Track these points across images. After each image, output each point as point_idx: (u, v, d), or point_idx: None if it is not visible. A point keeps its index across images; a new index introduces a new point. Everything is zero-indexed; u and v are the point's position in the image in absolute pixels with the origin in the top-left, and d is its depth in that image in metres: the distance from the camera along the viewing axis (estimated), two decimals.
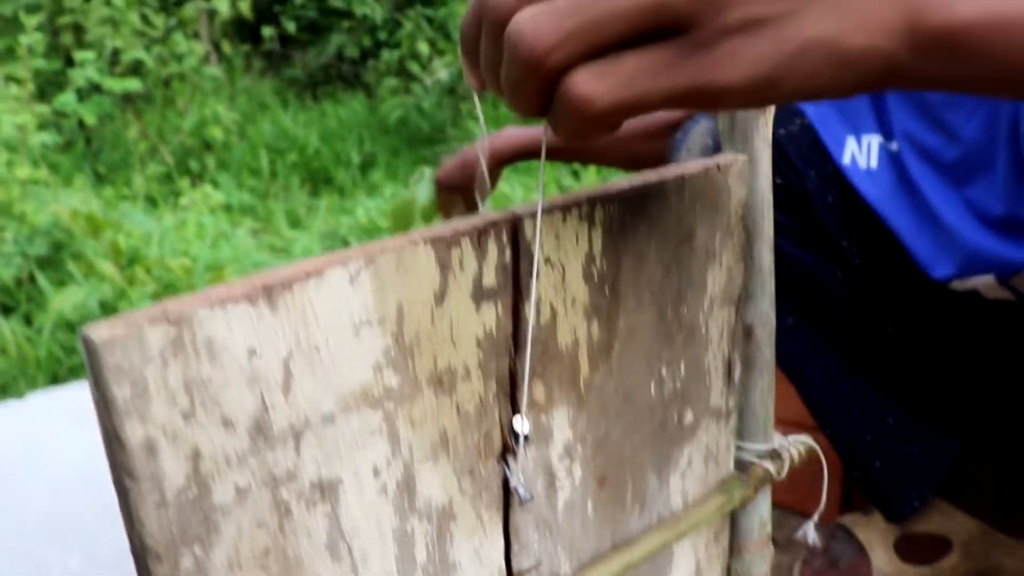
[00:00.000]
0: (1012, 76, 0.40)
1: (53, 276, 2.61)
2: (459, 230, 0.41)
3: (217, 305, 0.35)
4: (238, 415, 0.36)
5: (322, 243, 2.87)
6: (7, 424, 0.99)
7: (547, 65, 0.37)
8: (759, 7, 0.37)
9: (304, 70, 5.39)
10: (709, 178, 0.52)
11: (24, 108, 2.95)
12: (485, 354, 0.44)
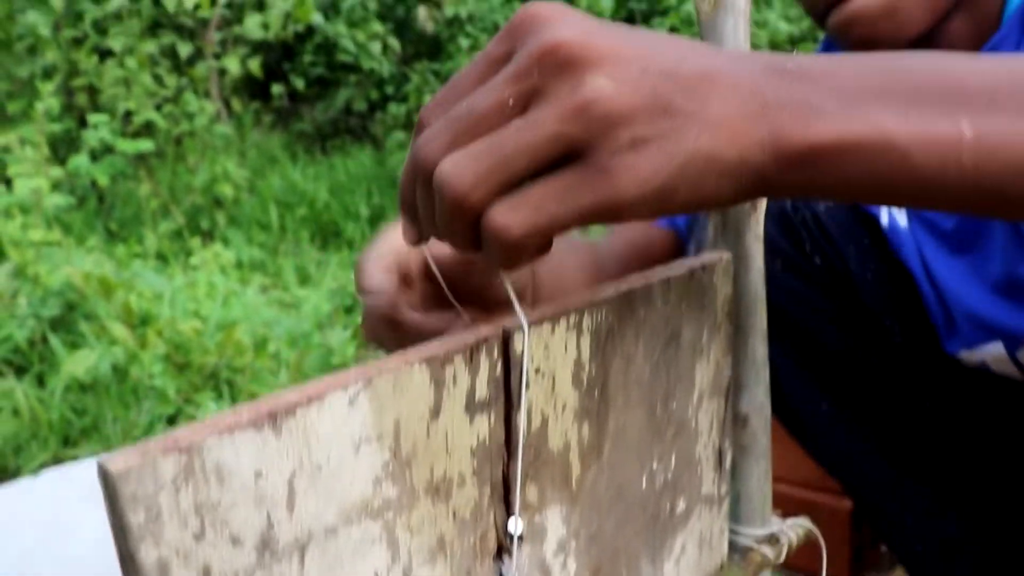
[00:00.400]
0: (874, 192, 0.44)
1: (65, 337, 2.65)
2: (452, 348, 0.43)
3: (225, 433, 0.37)
4: (245, 533, 0.39)
5: (331, 300, 2.90)
6: (22, 503, 1.01)
7: (468, 204, 0.41)
8: (644, 127, 0.41)
9: (313, 124, 5.47)
10: (694, 279, 0.54)
11: (39, 171, 3.00)
12: (479, 462, 0.46)
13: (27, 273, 2.68)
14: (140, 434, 2.23)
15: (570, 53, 0.40)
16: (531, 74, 0.41)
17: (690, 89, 0.42)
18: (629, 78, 0.41)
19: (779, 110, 0.43)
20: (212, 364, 2.33)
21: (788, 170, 0.43)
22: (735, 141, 0.42)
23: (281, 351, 2.53)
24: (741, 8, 0.53)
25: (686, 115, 0.41)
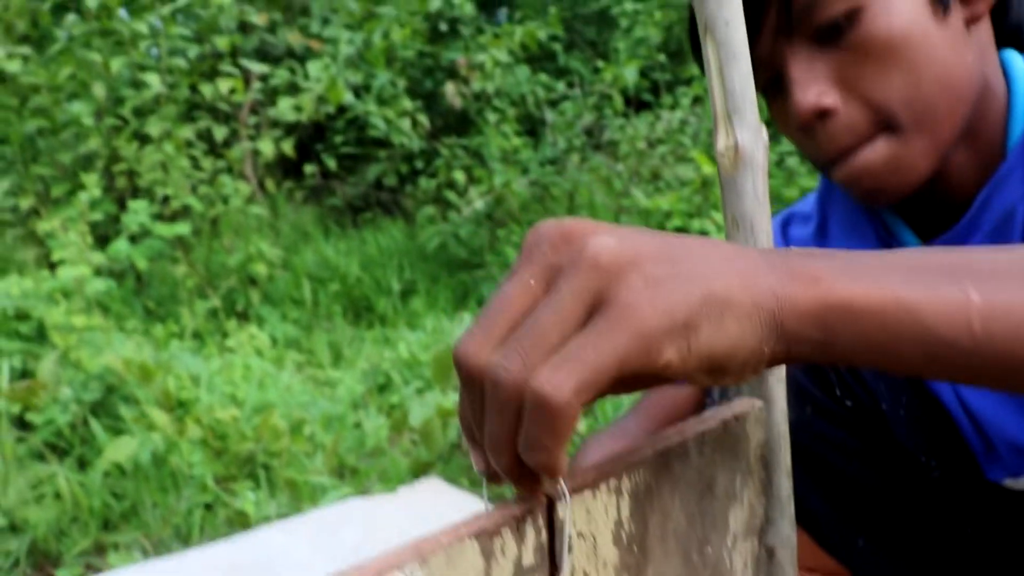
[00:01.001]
0: (889, 355, 0.45)
1: (105, 419, 2.70)
2: (500, 521, 0.46)
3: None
4: None
5: (365, 381, 2.94)
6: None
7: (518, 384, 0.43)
8: (655, 268, 0.43)
9: (344, 198, 5.56)
10: (728, 430, 0.57)
11: (82, 257, 3.08)
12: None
13: (70, 358, 2.74)
14: (179, 521, 2.26)
15: (573, 229, 0.45)
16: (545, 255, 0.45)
17: (692, 247, 0.45)
18: (632, 237, 0.44)
19: (786, 269, 0.45)
20: (249, 449, 2.37)
21: (801, 325, 0.45)
22: (747, 287, 0.44)
23: (316, 433, 2.57)
24: (760, 164, 0.56)
25: (694, 262, 0.44)
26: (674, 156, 4.50)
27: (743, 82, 0.54)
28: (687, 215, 3.93)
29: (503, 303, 0.44)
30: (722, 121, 0.55)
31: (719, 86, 0.54)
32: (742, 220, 0.55)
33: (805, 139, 0.89)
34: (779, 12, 0.84)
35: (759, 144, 0.55)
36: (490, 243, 4.47)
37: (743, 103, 0.54)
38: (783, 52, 0.86)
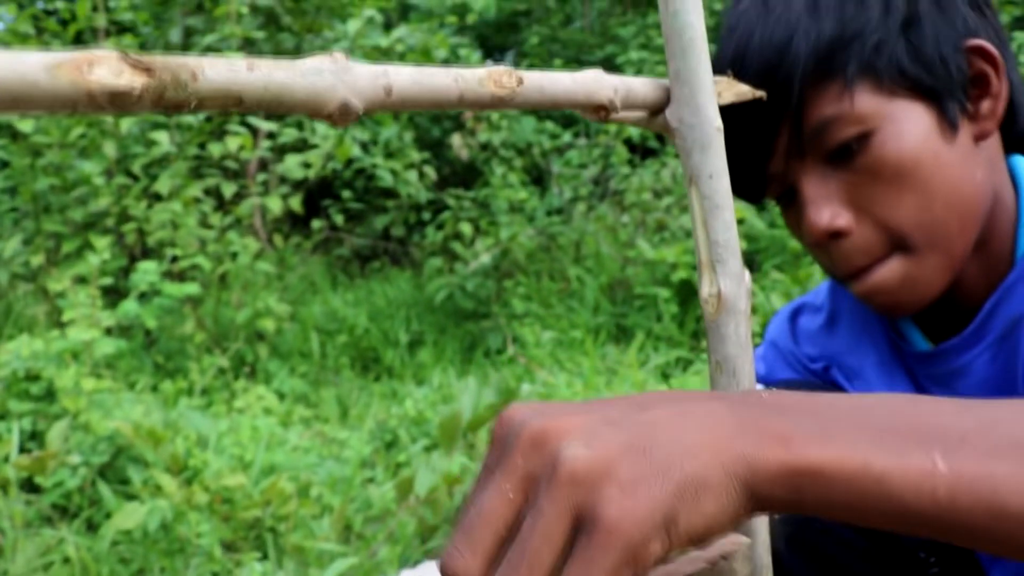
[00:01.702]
0: (858, 516, 0.46)
1: (114, 481, 2.72)
2: None
3: None
4: None
5: (372, 441, 2.95)
6: None
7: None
8: (628, 470, 0.44)
9: (352, 248, 5.61)
10: (716, 570, 0.59)
11: (91, 320, 3.12)
12: None
13: (79, 420, 2.76)
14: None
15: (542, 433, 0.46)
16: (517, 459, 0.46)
17: (660, 426, 0.46)
18: (600, 436, 0.45)
19: (755, 430, 0.46)
20: (255, 515, 2.38)
21: (772, 488, 0.46)
22: (717, 459, 0.45)
23: (324, 495, 2.58)
24: (742, 310, 0.59)
25: (664, 446, 0.45)
26: (679, 207, 4.53)
27: (726, 233, 0.57)
28: (692, 267, 3.96)
29: (484, 516, 0.45)
30: (706, 269, 0.57)
31: (703, 236, 0.57)
32: (726, 363, 0.58)
33: (819, 254, 0.91)
34: (791, 134, 0.86)
35: (741, 291, 0.57)
36: (497, 294, 4.50)
37: (726, 253, 0.57)
38: (796, 170, 0.88)
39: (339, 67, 0.42)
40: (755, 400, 0.49)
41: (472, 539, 0.45)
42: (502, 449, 0.47)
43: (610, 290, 4.35)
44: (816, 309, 1.12)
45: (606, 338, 3.99)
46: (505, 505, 0.45)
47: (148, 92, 0.37)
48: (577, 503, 0.44)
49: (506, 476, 0.46)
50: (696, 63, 0.57)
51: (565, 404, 0.48)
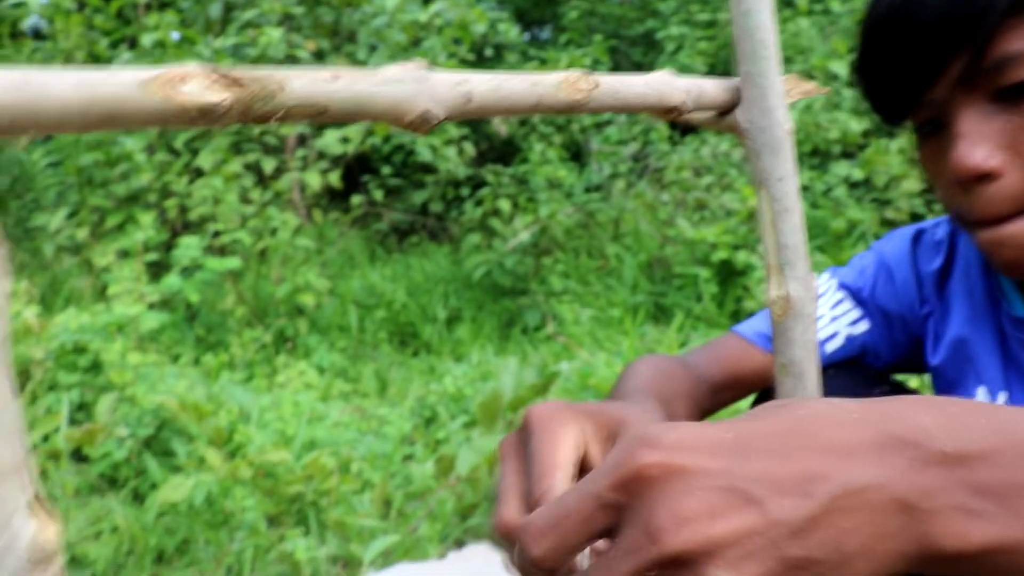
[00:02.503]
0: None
1: (159, 453, 2.77)
2: None
3: None
4: None
5: (411, 417, 2.97)
6: None
7: None
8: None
9: (390, 223, 5.63)
10: None
11: (136, 294, 3.16)
12: None
13: (125, 394, 2.81)
14: (231, 561, 2.31)
15: (691, 556, 0.39)
16: (653, 568, 0.39)
17: (822, 533, 0.39)
18: (755, 559, 0.39)
19: (931, 518, 0.40)
20: (298, 490, 2.41)
21: (933, 567, 0.41)
22: (872, 565, 0.40)
23: (364, 471, 2.61)
24: (809, 314, 0.59)
25: (819, 563, 0.39)
26: (720, 186, 4.50)
27: (795, 236, 0.56)
28: (732, 247, 3.93)
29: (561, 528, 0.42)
30: (774, 272, 0.57)
31: (772, 239, 0.57)
32: (792, 367, 0.58)
33: (956, 193, 0.86)
34: (967, 64, 0.80)
35: (809, 295, 0.57)
36: (535, 271, 4.50)
37: (795, 256, 0.56)
38: (957, 102, 0.83)
39: (419, 76, 0.42)
40: (932, 456, 0.41)
41: None
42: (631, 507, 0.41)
43: (649, 269, 4.33)
44: (935, 246, 1.06)
45: (644, 317, 3.99)
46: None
47: (236, 105, 0.37)
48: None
49: (635, 570, 0.40)
50: (767, 64, 0.56)
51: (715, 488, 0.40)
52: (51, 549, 0.32)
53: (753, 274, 3.78)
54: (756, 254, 3.82)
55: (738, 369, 1.06)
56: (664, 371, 0.92)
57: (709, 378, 1.03)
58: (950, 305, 1.04)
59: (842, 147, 4.66)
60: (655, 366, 0.93)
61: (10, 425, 0.32)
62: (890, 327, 1.07)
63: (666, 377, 0.90)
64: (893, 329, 1.07)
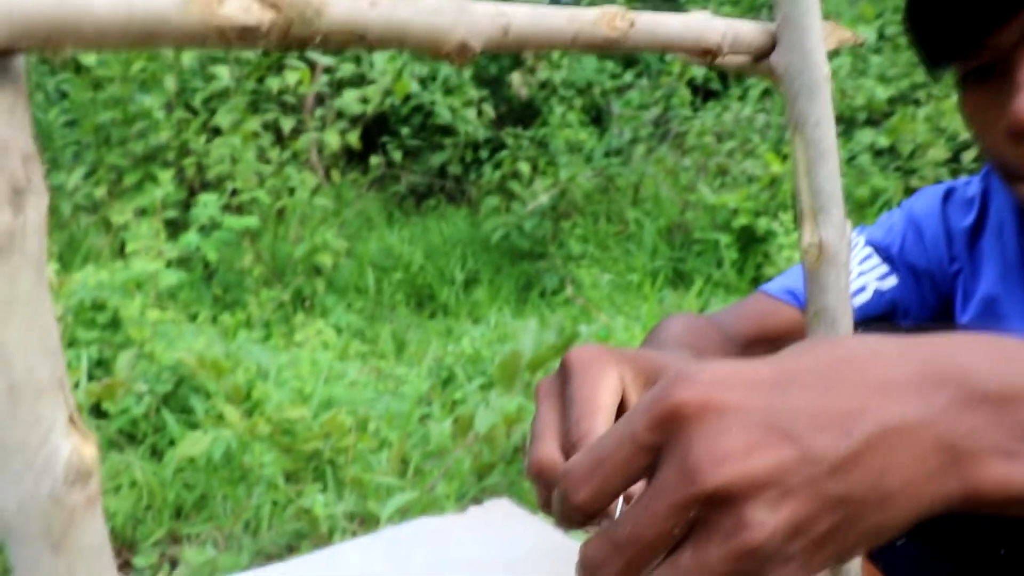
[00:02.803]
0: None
1: (177, 410, 2.79)
2: None
3: None
4: None
5: (429, 377, 2.98)
6: None
7: None
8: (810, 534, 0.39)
9: (408, 185, 5.62)
10: None
11: (154, 251, 3.17)
12: None
13: (144, 350, 2.83)
14: (249, 516, 2.33)
15: (729, 493, 0.38)
16: (689, 510, 0.39)
17: (862, 470, 0.39)
18: (794, 496, 0.38)
19: (973, 459, 0.39)
20: (316, 447, 2.43)
21: (975, 509, 0.41)
22: (913, 505, 0.40)
23: (381, 430, 2.62)
24: (843, 261, 0.58)
25: (860, 502, 0.39)
26: (742, 152, 4.47)
27: (831, 182, 0.56)
28: (754, 213, 3.91)
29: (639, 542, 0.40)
30: (808, 218, 0.56)
31: (806, 184, 0.56)
32: (824, 314, 0.57)
33: (1007, 144, 0.83)
34: None
35: (843, 242, 0.56)
36: (553, 234, 4.49)
37: (830, 202, 0.56)
38: (1021, 51, 0.80)
39: (458, 6, 0.41)
40: (975, 394, 0.40)
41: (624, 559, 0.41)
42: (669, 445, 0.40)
43: (669, 234, 4.32)
44: (967, 203, 1.04)
45: (664, 282, 3.97)
46: (665, 541, 0.40)
47: (275, 28, 0.37)
48: (747, 571, 0.39)
49: (674, 515, 0.39)
50: (806, 7, 0.55)
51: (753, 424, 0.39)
52: (89, 467, 0.32)
53: (774, 240, 3.76)
54: (777, 220, 3.80)
55: (767, 325, 1.05)
56: (694, 327, 0.91)
57: (738, 335, 1.02)
58: (981, 263, 1.02)
59: (867, 114, 4.61)
60: (685, 322, 0.93)
61: (49, 342, 0.32)
62: (919, 284, 1.06)
63: (696, 332, 0.90)
64: (922, 287, 1.06)
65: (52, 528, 0.32)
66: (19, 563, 0.33)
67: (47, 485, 0.32)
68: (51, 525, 0.32)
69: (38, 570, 0.32)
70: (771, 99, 4.80)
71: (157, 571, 2.31)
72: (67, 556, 0.32)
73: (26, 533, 0.32)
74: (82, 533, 0.33)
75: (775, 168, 3.94)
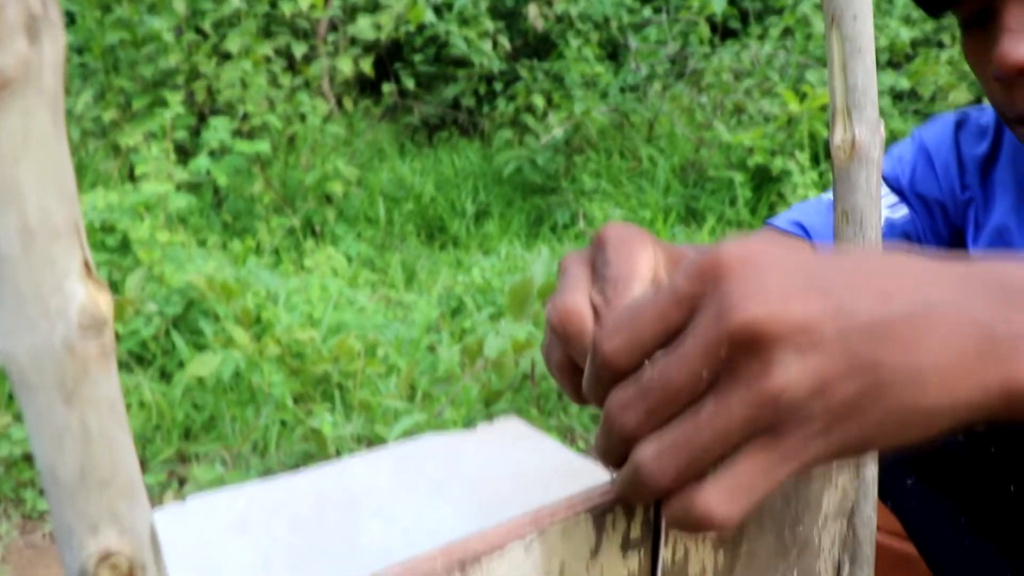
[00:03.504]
0: None
1: (186, 332, 2.79)
2: (613, 498, 0.48)
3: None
4: None
5: (439, 305, 2.98)
6: (173, 530, 1.10)
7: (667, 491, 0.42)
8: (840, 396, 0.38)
9: (421, 116, 5.57)
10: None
11: (164, 174, 3.15)
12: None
13: (153, 273, 2.82)
14: (257, 436, 2.35)
15: (759, 333, 0.37)
16: (720, 351, 0.38)
17: (896, 339, 0.38)
18: (824, 350, 0.38)
19: (1014, 348, 0.38)
20: (325, 370, 2.43)
21: (1017, 408, 0.39)
22: (948, 390, 0.38)
23: (390, 356, 2.63)
24: (875, 159, 0.56)
25: (891, 370, 0.38)
26: (760, 90, 4.41)
27: (866, 77, 0.54)
28: (769, 152, 3.87)
29: (667, 386, 0.40)
30: (841, 115, 0.55)
31: (840, 80, 0.54)
32: (852, 214, 0.56)
33: (999, 87, 0.84)
34: None
35: (876, 140, 0.55)
36: (566, 169, 4.45)
37: (864, 99, 0.54)
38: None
39: None
40: (1015, 288, 0.40)
41: (648, 404, 0.40)
42: (704, 298, 0.40)
43: (682, 172, 4.28)
44: (980, 132, 1.03)
45: (676, 220, 3.95)
46: (693, 388, 0.40)
47: None
48: (773, 420, 0.38)
49: (703, 358, 0.39)
50: None
51: (799, 270, 0.39)
52: (104, 316, 0.31)
53: (789, 180, 3.73)
54: (793, 159, 3.76)
55: None
56: None
57: None
58: (994, 192, 1.01)
59: (889, 55, 4.54)
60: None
61: (65, 185, 0.31)
62: (931, 215, 1.05)
63: None
64: (934, 217, 1.05)
65: (65, 378, 0.31)
66: (31, 413, 0.32)
67: (61, 332, 0.31)
68: (64, 374, 0.31)
69: (50, 420, 0.32)
70: (791, 38, 4.72)
71: (166, 488, 2.33)
72: (80, 407, 0.32)
73: (39, 382, 0.31)
74: (96, 385, 0.32)
75: (793, 107, 3.88)
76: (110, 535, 0.33)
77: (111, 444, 0.33)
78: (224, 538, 1.14)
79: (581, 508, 0.48)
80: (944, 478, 1.06)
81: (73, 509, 0.33)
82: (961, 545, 1.08)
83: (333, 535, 1.15)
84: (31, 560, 2.14)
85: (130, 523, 0.34)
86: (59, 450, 0.32)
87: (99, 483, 0.33)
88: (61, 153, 0.31)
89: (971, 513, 1.07)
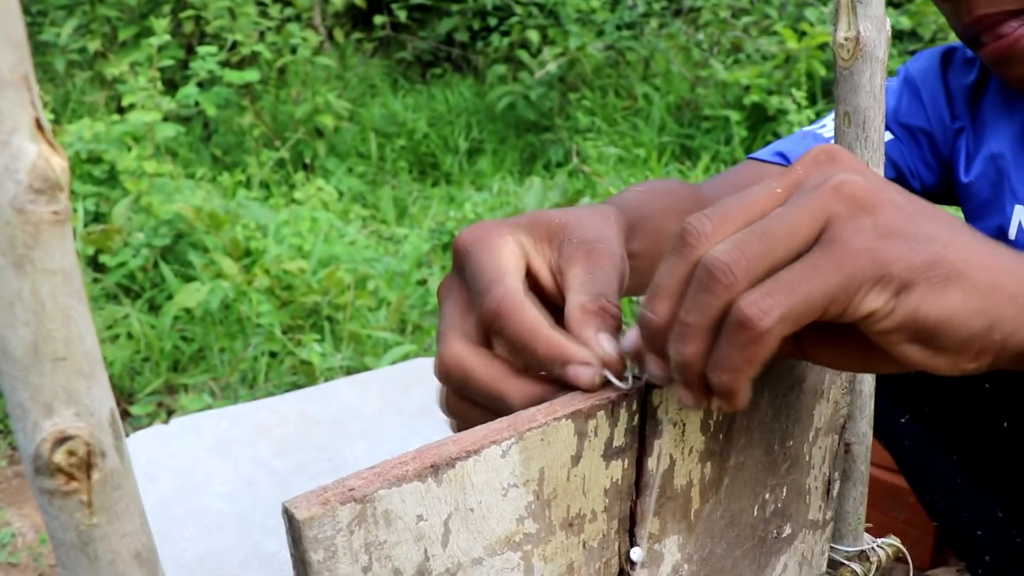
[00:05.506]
0: None
1: (175, 264, 2.77)
2: (596, 404, 0.47)
3: (395, 484, 0.41)
4: (405, 566, 0.43)
5: (430, 239, 2.96)
6: (155, 451, 1.08)
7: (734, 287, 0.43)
8: (891, 219, 0.43)
9: (414, 51, 5.49)
10: None
11: (151, 104, 3.10)
12: (610, 500, 0.50)
13: (141, 203, 2.79)
14: (245, 367, 2.33)
15: (861, 196, 0.43)
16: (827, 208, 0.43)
17: (947, 221, 0.44)
18: (887, 188, 0.44)
19: None
20: (314, 301, 2.41)
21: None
22: (984, 268, 0.43)
23: (380, 289, 2.61)
24: (880, 58, 0.54)
25: (938, 229, 0.43)
26: (758, 28, 4.34)
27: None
28: (766, 91, 3.82)
29: (745, 200, 0.45)
30: (845, 11, 0.52)
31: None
32: (855, 115, 0.54)
33: (949, 8, 0.84)
34: None
35: (881, 38, 0.52)
36: (560, 107, 4.40)
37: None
38: None
39: None
40: None
41: (724, 213, 0.44)
42: (792, 167, 0.47)
43: (678, 110, 4.23)
44: (967, 63, 1.03)
45: (670, 158, 3.91)
46: (769, 198, 0.45)
47: None
48: (830, 217, 0.43)
49: (782, 178, 0.46)
50: None
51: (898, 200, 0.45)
52: (58, 178, 0.29)
53: (785, 119, 3.69)
54: (790, 98, 3.71)
55: (745, 180, 1.01)
56: (664, 190, 0.86)
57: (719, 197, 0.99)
58: (984, 121, 1.00)
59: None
60: (655, 185, 0.88)
61: (13, 32, 0.28)
62: (919, 146, 1.04)
63: (662, 194, 0.84)
64: (922, 148, 1.04)
65: (15, 242, 0.29)
66: None
67: (9, 191, 0.29)
68: (14, 238, 0.29)
69: (0, 287, 0.30)
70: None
71: (154, 419, 2.32)
72: (32, 275, 0.30)
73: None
74: (49, 252, 0.30)
75: (791, 45, 3.83)
76: (66, 416, 0.32)
77: (66, 317, 0.31)
78: (208, 458, 1.13)
79: (561, 414, 0.46)
80: (937, 416, 1.06)
81: (26, 386, 0.31)
82: (953, 482, 1.08)
83: (317, 457, 1.14)
84: (19, 488, 2.14)
85: (88, 404, 0.32)
86: (10, 321, 0.30)
87: (53, 359, 0.31)
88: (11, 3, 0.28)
89: (963, 450, 1.07)
